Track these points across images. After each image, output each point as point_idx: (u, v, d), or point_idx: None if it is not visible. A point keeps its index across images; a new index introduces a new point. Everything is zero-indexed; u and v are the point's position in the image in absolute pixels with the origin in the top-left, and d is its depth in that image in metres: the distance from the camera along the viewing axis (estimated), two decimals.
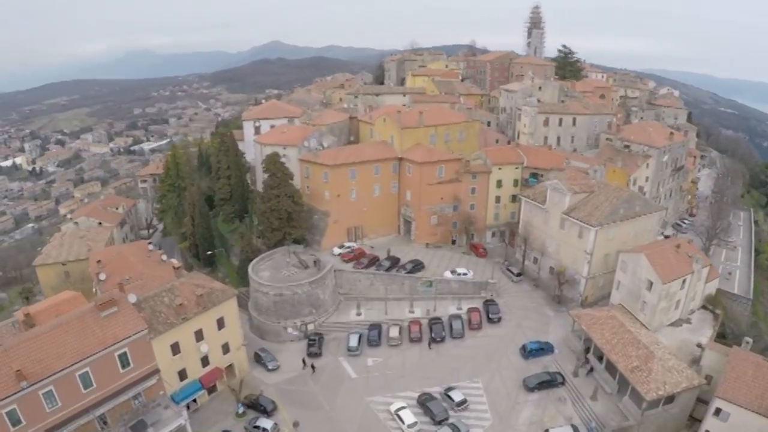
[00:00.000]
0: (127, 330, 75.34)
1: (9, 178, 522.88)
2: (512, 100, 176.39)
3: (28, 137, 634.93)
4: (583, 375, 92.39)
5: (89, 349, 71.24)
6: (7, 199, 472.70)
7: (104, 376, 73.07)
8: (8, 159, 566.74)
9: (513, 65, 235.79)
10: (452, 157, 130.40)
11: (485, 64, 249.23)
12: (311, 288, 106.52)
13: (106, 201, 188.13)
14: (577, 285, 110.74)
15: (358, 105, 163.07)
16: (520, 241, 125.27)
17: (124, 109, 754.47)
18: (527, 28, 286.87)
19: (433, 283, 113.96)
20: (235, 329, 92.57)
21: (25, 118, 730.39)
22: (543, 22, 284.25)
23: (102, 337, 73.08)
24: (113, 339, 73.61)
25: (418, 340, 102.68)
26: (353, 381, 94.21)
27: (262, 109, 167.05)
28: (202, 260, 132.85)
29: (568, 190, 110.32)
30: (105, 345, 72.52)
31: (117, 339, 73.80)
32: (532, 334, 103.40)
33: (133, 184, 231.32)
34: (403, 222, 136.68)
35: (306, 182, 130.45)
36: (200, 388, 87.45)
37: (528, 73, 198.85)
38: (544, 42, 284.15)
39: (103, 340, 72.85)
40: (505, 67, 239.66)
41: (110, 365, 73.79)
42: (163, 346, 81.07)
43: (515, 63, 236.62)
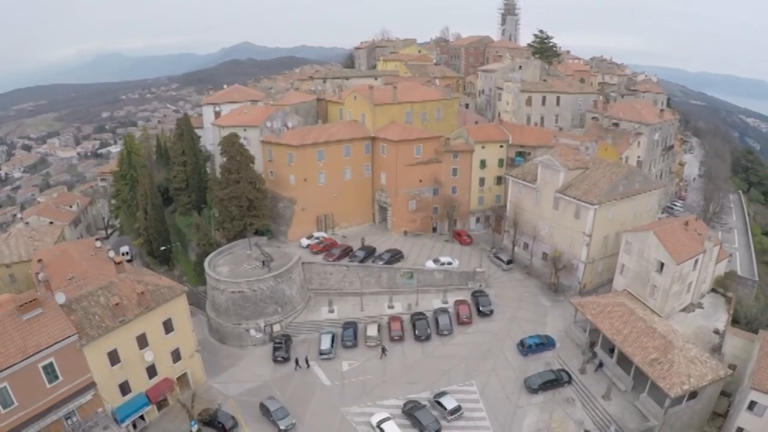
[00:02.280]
0: (52, 336, 63.89)
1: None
2: (491, 81, 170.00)
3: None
4: (591, 371, 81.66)
5: (6, 360, 59.91)
6: None
7: (27, 392, 62.03)
8: None
9: (488, 49, 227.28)
10: (431, 135, 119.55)
11: (460, 48, 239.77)
12: (275, 283, 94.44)
13: (59, 199, 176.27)
14: (575, 271, 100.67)
15: (326, 88, 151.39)
16: (508, 225, 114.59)
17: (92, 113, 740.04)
18: (501, 14, 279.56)
19: (414, 275, 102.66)
20: (186, 333, 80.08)
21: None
22: (518, 9, 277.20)
23: (22, 345, 61.80)
24: (36, 347, 62.27)
25: (399, 338, 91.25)
26: (326, 389, 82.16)
27: (222, 93, 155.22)
28: (157, 258, 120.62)
29: (562, 166, 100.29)
30: (26, 354, 61.16)
31: (40, 347, 62.45)
32: (529, 328, 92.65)
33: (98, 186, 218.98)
34: (378, 209, 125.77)
35: (269, 166, 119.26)
36: (147, 403, 74.74)
37: (506, 54, 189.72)
38: (519, 29, 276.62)
39: (24, 348, 61.56)
40: (480, 52, 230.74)
41: (34, 379, 62.61)
42: (99, 355, 68.75)
43: (491, 47, 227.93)
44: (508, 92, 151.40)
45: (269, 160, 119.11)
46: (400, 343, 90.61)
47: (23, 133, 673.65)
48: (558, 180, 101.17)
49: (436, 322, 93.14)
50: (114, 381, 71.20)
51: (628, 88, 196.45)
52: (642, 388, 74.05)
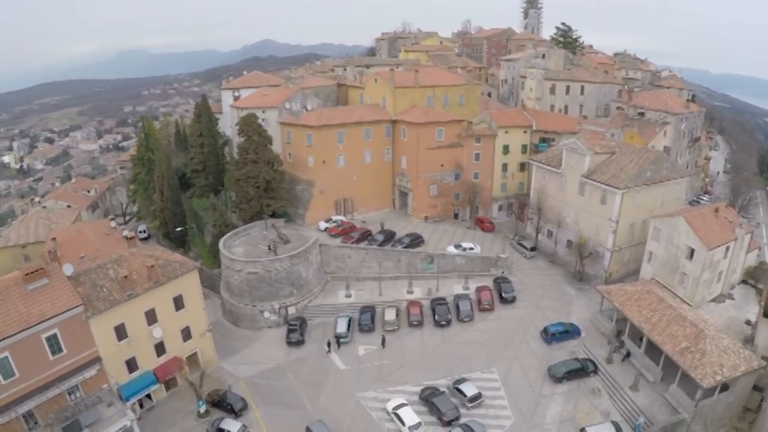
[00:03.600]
0: (57, 307, 61.46)
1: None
2: (514, 70, 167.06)
3: (17, 136, 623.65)
4: (618, 361, 77.91)
5: (8, 329, 57.71)
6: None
7: (29, 363, 59.84)
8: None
9: (511, 41, 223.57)
10: (453, 118, 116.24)
11: (482, 41, 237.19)
12: (291, 264, 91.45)
13: (76, 184, 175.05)
14: (601, 259, 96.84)
15: (347, 74, 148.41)
16: (531, 212, 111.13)
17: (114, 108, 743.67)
18: (523, 8, 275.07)
19: (434, 259, 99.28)
20: (197, 311, 77.36)
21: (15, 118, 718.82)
22: (540, 2, 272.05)
23: (26, 314, 59.49)
24: (39, 317, 59.87)
25: (419, 324, 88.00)
26: (342, 373, 79.07)
27: (242, 78, 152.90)
28: (173, 240, 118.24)
29: (588, 150, 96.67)
30: (29, 324, 58.88)
31: (44, 317, 60.04)
32: (553, 315, 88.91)
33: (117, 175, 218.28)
34: (398, 194, 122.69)
35: (287, 148, 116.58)
36: (155, 381, 72.14)
37: (528, 45, 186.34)
38: (541, 23, 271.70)
39: (27, 318, 59.24)
40: (503, 44, 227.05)
41: (37, 350, 60.28)
42: (106, 329, 66.29)
43: (513, 39, 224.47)
44: (532, 79, 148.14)
45: (287, 142, 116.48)
46: (419, 329, 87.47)
47: (46, 126, 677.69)
48: (584, 164, 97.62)
49: (457, 308, 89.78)
50: (121, 357, 68.63)
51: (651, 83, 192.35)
52: (671, 380, 70.34)
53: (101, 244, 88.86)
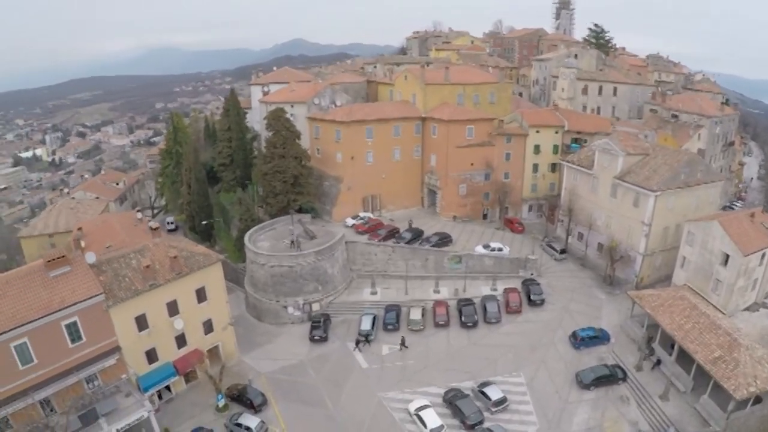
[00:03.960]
0: (78, 294, 60.87)
1: (29, 169, 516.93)
2: (546, 70, 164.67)
3: (49, 130, 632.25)
4: (648, 369, 75.42)
5: (28, 315, 57.35)
6: (26, 188, 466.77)
7: (48, 350, 59.49)
8: (29, 150, 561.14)
9: (542, 42, 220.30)
10: (483, 116, 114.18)
11: (513, 41, 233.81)
12: (317, 260, 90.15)
13: (105, 176, 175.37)
14: (632, 263, 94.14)
15: (377, 71, 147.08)
16: (562, 214, 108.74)
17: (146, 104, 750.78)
18: (555, 8, 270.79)
19: (462, 259, 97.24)
20: (220, 304, 76.37)
21: (48, 113, 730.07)
22: (572, 3, 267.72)
23: (47, 301, 59.01)
24: (60, 304, 59.35)
25: (445, 324, 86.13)
26: (364, 372, 77.67)
27: (271, 74, 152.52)
28: (199, 233, 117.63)
29: (621, 150, 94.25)
30: (49, 311, 58.43)
31: (64, 304, 59.51)
32: (582, 320, 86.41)
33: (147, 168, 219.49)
34: (427, 192, 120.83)
35: (316, 144, 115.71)
36: (174, 373, 71.42)
37: (560, 45, 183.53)
38: (574, 23, 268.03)
39: (48, 304, 58.78)
40: (534, 44, 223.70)
41: (56, 337, 59.93)
42: (126, 319, 65.76)
43: (545, 39, 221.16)
44: (564, 79, 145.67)
45: (316, 137, 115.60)
46: (444, 329, 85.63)
47: (78, 121, 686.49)
48: (616, 165, 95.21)
49: (484, 309, 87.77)
50: (141, 347, 68.02)
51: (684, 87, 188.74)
52: (703, 390, 67.66)
53: (127, 234, 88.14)
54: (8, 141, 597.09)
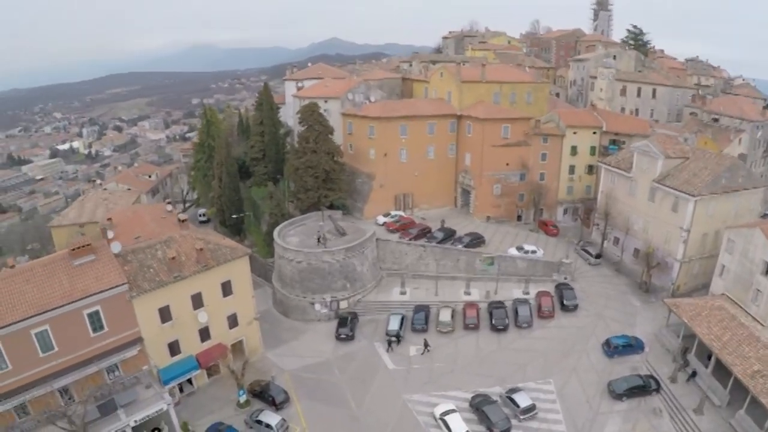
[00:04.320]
0: (101, 283, 60.09)
1: (65, 161, 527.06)
2: (583, 71, 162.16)
3: (87, 123, 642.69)
4: (682, 381, 72.03)
5: (50, 303, 56.80)
6: (62, 180, 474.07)
7: (69, 338, 59.26)
8: (66, 143, 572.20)
9: (580, 43, 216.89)
10: (520, 115, 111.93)
11: (550, 41, 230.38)
12: (346, 257, 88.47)
13: (138, 168, 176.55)
14: (669, 270, 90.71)
15: (412, 68, 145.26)
16: (598, 218, 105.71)
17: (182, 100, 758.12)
18: (593, 9, 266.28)
19: (494, 261, 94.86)
20: (245, 298, 75.14)
21: (86, 106, 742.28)
22: (611, 4, 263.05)
23: (69, 289, 58.42)
24: (82, 293, 58.63)
25: (474, 327, 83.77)
26: (390, 373, 75.61)
27: (306, 70, 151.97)
28: (229, 227, 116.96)
29: (661, 153, 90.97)
30: (71, 299, 57.80)
31: (87, 293, 58.77)
32: (616, 327, 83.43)
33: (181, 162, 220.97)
34: (460, 192, 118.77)
35: (349, 140, 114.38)
36: (197, 366, 70.25)
37: (599, 46, 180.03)
38: (612, 25, 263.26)
39: (70, 293, 58.12)
40: (572, 45, 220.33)
41: (77, 326, 59.39)
42: (150, 310, 64.81)
43: (582, 40, 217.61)
44: (602, 79, 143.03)
45: (349, 134, 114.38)
46: (474, 332, 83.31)
47: (115, 115, 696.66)
48: (655, 168, 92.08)
49: (515, 313, 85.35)
50: (163, 339, 67.12)
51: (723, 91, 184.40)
52: (739, 405, 64.25)
53: (156, 226, 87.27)
54: (46, 134, 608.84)
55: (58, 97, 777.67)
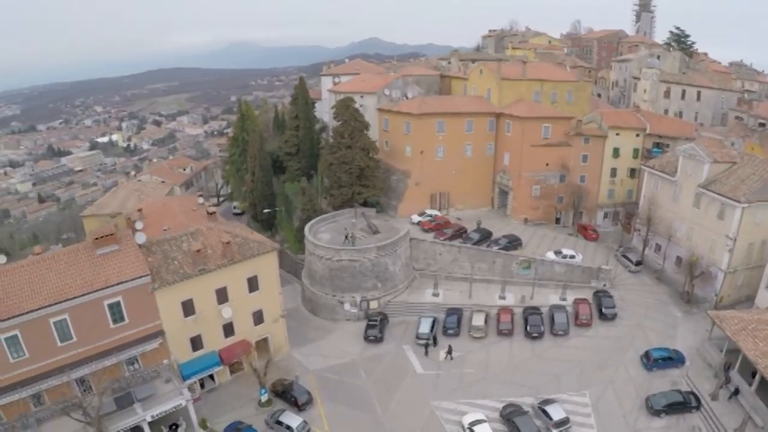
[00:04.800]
0: (123, 274, 58.64)
1: (104, 154, 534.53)
2: (626, 71, 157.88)
3: (126, 117, 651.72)
4: (724, 398, 67.81)
5: (70, 292, 55.54)
6: (101, 172, 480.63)
7: (88, 329, 58.27)
8: (105, 136, 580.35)
9: (622, 44, 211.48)
10: (561, 115, 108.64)
11: (592, 41, 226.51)
12: (378, 256, 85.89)
13: (173, 161, 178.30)
14: (712, 280, 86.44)
15: (451, 65, 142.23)
16: (640, 223, 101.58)
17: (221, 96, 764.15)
18: (635, 11, 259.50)
19: (532, 265, 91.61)
20: (272, 294, 72.91)
21: (126, 101, 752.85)
22: (653, 6, 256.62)
23: (90, 278, 57.05)
24: (104, 283, 57.27)
25: (508, 333, 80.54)
26: (418, 378, 72.79)
27: (343, 66, 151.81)
28: (260, 222, 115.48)
29: (707, 156, 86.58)
30: (92, 289, 56.44)
31: (108, 283, 57.39)
32: (656, 339, 79.37)
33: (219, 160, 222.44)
34: (498, 193, 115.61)
35: (384, 136, 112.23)
36: (219, 363, 68.28)
37: (641, 47, 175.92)
38: (654, 26, 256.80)
39: (91, 282, 56.76)
40: (614, 46, 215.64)
41: (97, 316, 58.15)
42: (172, 303, 63.18)
43: (624, 42, 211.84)
44: (646, 80, 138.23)
45: (385, 130, 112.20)
46: (507, 338, 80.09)
47: (155, 110, 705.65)
48: (701, 173, 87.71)
49: (551, 320, 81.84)
50: (186, 333, 65.44)
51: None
52: None
53: (185, 218, 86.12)
54: (86, 126, 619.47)
55: (99, 91, 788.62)
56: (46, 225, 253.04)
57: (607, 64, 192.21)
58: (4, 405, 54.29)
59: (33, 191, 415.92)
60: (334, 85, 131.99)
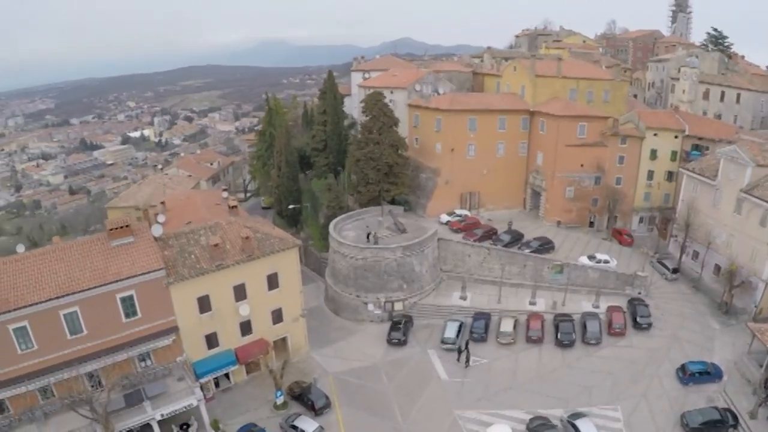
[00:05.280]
0: (136, 267, 56.42)
1: (136, 148, 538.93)
2: (663, 72, 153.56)
3: (158, 113, 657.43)
4: (763, 417, 63.71)
5: (82, 284, 53.63)
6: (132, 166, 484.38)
7: (99, 322, 56.12)
8: (137, 131, 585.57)
9: (658, 45, 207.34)
10: (598, 114, 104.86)
11: (627, 42, 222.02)
12: (404, 256, 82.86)
13: (200, 156, 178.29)
14: (753, 291, 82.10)
15: (484, 62, 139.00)
16: (677, 229, 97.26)
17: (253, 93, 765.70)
18: (671, 11, 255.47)
19: (564, 269, 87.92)
20: (293, 293, 70.25)
21: (159, 96, 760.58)
22: (690, 7, 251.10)
23: (103, 270, 55.02)
24: (116, 275, 55.16)
25: (538, 340, 76.93)
26: (442, 384, 69.54)
27: (373, 61, 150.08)
28: (285, 218, 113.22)
29: (751, 160, 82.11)
30: (104, 281, 54.39)
31: (120, 276, 55.23)
32: (692, 351, 75.09)
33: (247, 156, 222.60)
34: (530, 194, 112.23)
35: (414, 133, 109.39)
36: (234, 362, 65.88)
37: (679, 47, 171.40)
38: (691, 28, 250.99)
39: (104, 275, 54.67)
40: (649, 47, 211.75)
41: (109, 310, 56.10)
42: (188, 298, 60.89)
43: (660, 42, 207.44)
44: (685, 79, 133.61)
45: (415, 126, 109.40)
46: (537, 346, 76.46)
47: (187, 106, 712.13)
48: (743, 177, 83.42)
49: (584, 328, 77.92)
50: (201, 330, 63.18)
51: None
52: None
53: (208, 212, 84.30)
54: (119, 121, 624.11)
55: (132, 86, 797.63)
56: (75, 217, 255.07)
57: (643, 64, 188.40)
58: (11, 397, 53.03)
59: (64, 183, 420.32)
60: (364, 80, 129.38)
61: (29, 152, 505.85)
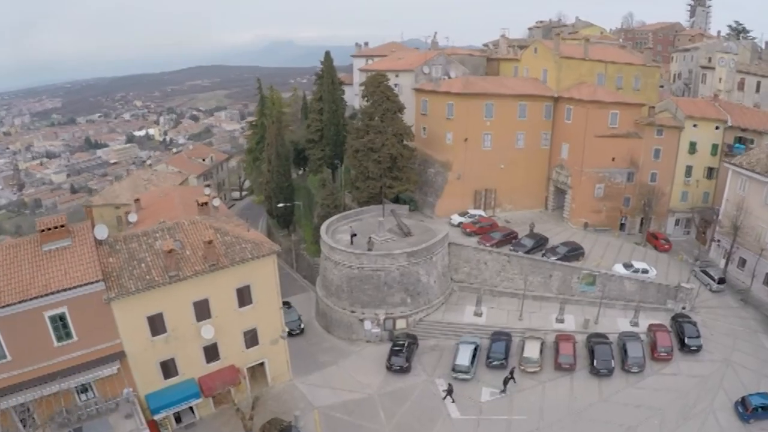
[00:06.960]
0: (68, 278, 45.11)
1: (141, 147, 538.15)
2: (692, 62, 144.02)
3: (165, 112, 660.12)
4: None
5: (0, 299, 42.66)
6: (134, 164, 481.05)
7: (25, 346, 45.66)
8: (142, 130, 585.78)
9: (678, 38, 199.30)
10: (631, 101, 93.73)
11: (647, 34, 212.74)
12: (409, 264, 70.90)
13: (192, 151, 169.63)
14: None
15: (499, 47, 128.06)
16: (721, 232, 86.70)
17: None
18: (689, 6, 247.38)
19: (596, 280, 75.68)
20: (270, 309, 58.25)
21: (166, 96, 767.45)
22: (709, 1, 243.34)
23: (27, 282, 44.09)
24: (43, 289, 43.98)
25: (569, 368, 64.43)
26: (453, 424, 57.31)
27: (377, 47, 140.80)
28: (276, 219, 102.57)
29: None
30: (27, 296, 43.50)
31: (48, 290, 44.16)
32: (748, 378, 62.90)
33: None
34: (553, 192, 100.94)
35: (422, 122, 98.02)
36: (198, 394, 54.08)
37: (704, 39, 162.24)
38: (710, 22, 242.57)
39: (27, 288, 43.61)
40: (670, 40, 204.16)
41: (36, 331, 45.57)
42: (136, 317, 49.46)
43: (681, 35, 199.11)
44: (722, 66, 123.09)
45: (423, 113, 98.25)
46: (568, 375, 64.04)
47: (193, 105, 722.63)
48: None
49: (623, 352, 65.39)
50: (154, 356, 51.81)
51: None
52: None
53: (183, 210, 73.65)
54: (125, 120, 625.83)
55: (139, 86, 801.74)
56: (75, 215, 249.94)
57: (663, 57, 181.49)
58: None
59: (67, 182, 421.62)
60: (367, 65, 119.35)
61: (34, 151, 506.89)
